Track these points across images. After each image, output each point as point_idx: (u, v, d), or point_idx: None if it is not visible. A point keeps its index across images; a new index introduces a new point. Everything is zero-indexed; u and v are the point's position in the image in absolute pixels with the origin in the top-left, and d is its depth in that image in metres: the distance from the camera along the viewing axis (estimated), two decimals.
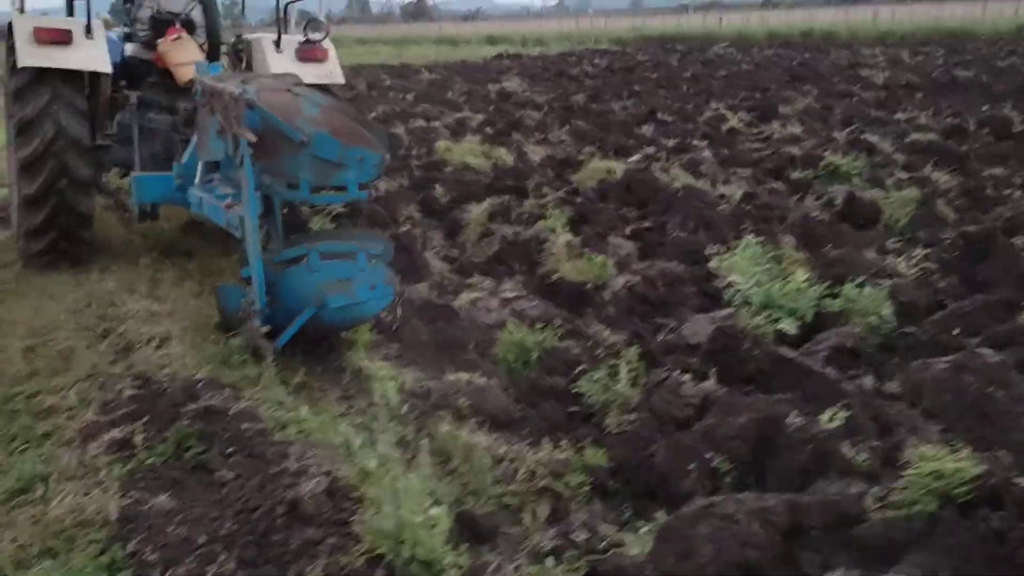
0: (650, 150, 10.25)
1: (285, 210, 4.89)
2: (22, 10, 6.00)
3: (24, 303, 5.18)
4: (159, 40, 6.19)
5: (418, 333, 4.96)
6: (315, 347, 4.77)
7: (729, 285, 5.01)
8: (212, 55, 6.32)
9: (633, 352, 4.05)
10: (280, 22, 6.27)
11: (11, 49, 5.64)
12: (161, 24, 6.30)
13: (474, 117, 13.22)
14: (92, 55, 5.54)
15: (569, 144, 11.06)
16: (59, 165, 5.41)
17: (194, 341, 4.62)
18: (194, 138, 5.18)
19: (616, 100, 16.20)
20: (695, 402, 3.67)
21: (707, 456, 3.27)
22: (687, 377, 3.87)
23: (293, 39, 6.19)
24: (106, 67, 5.66)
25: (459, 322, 4.88)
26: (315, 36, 6.11)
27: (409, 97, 17.60)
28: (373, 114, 14.37)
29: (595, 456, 3.46)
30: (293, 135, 4.06)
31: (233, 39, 6.70)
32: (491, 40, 46.18)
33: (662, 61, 26.94)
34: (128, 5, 6.60)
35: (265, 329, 4.19)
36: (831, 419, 3.28)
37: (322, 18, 6.71)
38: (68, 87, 5.51)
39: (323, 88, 5.42)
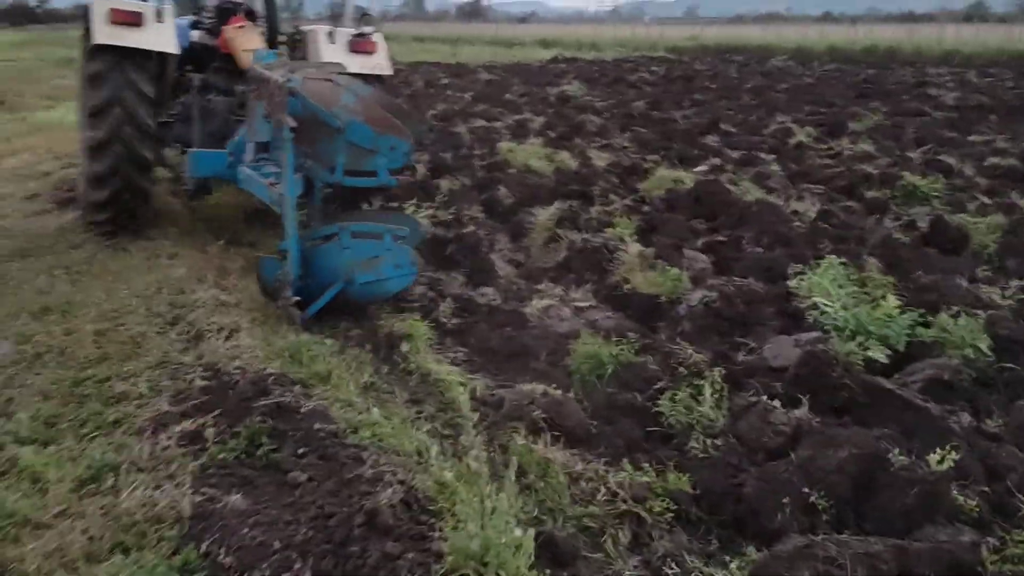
0: (715, 161, 10.01)
1: (328, 190, 5.21)
2: None
3: (96, 285, 5.17)
4: (223, 27, 6.49)
5: (487, 338, 4.83)
6: (382, 347, 4.69)
7: (813, 307, 4.78)
8: (270, 44, 6.59)
9: (717, 373, 3.86)
10: (335, 15, 6.57)
11: (87, 32, 5.92)
12: (225, 13, 6.60)
13: (534, 119, 13.09)
14: (161, 37, 5.82)
15: (632, 151, 10.87)
16: (124, 149, 5.75)
17: (262, 333, 4.56)
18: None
19: (677, 108, 15.94)
20: (786, 431, 3.47)
21: (803, 491, 3.07)
22: (776, 403, 3.67)
23: (346, 31, 6.46)
24: (173, 48, 5.94)
25: (530, 329, 4.74)
26: (366, 29, 6.41)
27: (467, 96, 17.55)
28: (432, 112, 14.34)
29: (678, 481, 3.28)
30: (331, 122, 4.42)
31: (291, 30, 6.97)
32: (545, 43, 46.05)
33: (721, 71, 26.54)
34: None
35: (296, 299, 4.52)
36: (941, 460, 3.06)
37: (376, 14, 7.14)
38: (138, 73, 5.78)
39: (368, 78, 5.81)
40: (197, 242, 6.24)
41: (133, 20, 5.69)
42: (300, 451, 3.33)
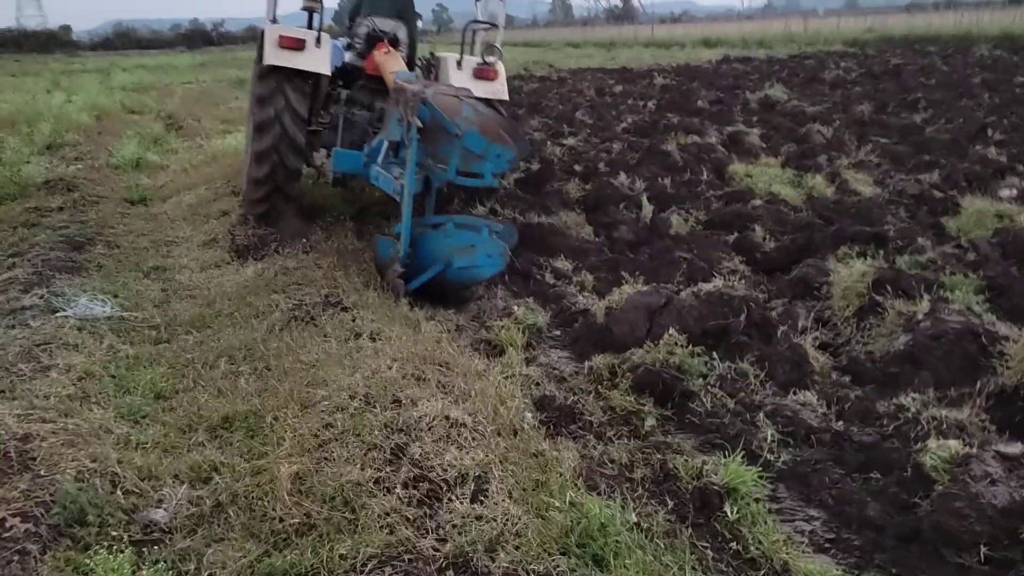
0: (1015, 181, 7.81)
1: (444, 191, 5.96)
2: (274, 20, 7.21)
3: (287, 386, 3.91)
4: (372, 52, 7.32)
5: (853, 500, 3.16)
6: (691, 510, 3.13)
7: None
8: (409, 67, 7.34)
9: None
10: (463, 45, 7.40)
11: (260, 52, 6.95)
12: (374, 40, 7.54)
13: (749, 132, 11.17)
14: (317, 60, 6.75)
15: (886, 167, 8.80)
16: (280, 159, 6.76)
17: (521, 487, 3.11)
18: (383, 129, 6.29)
19: (910, 111, 13.50)
20: None
21: None
22: None
23: (472, 60, 7.24)
24: (326, 70, 6.89)
25: (946, 497, 3.00)
26: (489, 59, 7.16)
27: (650, 105, 15.82)
28: (623, 125, 12.74)
29: None
30: (451, 128, 5.06)
31: (428, 55, 7.85)
32: (707, 42, 43.37)
33: (926, 65, 23.30)
34: (350, 23, 7.82)
35: (401, 271, 5.19)
36: None
37: (500, 34, 7.57)
38: (297, 93, 6.73)
39: (488, 102, 6.32)
40: (401, 311, 4.95)
41: (297, 45, 6.64)
42: None
